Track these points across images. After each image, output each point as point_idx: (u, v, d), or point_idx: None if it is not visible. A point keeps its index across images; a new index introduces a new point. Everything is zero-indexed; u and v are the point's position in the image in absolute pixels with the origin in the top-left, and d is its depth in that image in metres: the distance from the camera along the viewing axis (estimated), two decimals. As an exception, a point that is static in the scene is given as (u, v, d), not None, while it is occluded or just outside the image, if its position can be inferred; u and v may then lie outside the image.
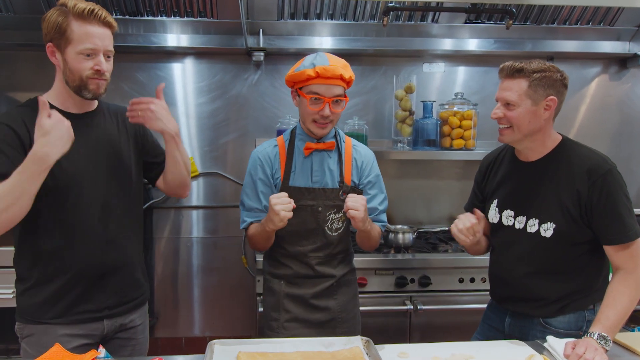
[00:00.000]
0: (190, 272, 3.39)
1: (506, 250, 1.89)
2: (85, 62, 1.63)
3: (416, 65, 3.39)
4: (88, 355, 1.49)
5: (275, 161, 2.05)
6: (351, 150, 2.10)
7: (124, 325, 1.84)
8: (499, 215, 1.89)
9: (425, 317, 2.72)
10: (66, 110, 1.72)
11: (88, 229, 1.72)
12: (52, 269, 1.71)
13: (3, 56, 3.11)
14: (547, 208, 1.76)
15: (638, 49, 3.34)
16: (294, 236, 2.04)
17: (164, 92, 1.90)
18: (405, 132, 3.20)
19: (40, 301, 1.71)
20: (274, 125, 3.27)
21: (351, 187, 2.05)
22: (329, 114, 1.92)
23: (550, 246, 1.76)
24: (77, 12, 1.61)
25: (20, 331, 1.75)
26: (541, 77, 1.70)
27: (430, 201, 3.43)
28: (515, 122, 1.73)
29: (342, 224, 2.07)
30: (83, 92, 1.68)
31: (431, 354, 1.58)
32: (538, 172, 1.81)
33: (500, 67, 1.78)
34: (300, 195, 2.00)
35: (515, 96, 1.71)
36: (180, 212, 3.34)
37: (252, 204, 2.05)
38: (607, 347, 1.57)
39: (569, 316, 1.77)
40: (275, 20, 3.07)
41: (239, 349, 1.57)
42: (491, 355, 1.60)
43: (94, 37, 1.63)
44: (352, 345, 1.60)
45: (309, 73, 1.88)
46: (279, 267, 2.10)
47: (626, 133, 3.55)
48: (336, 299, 2.08)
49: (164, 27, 3.10)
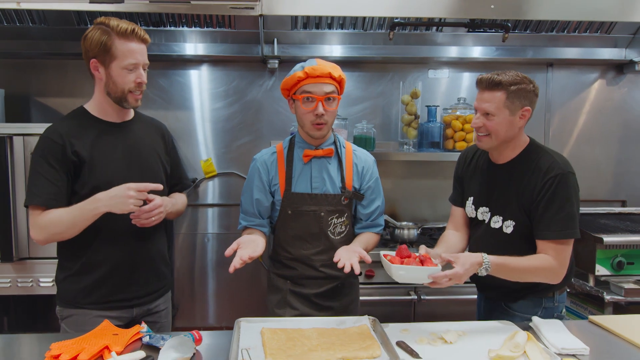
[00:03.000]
0: (208, 266, 3.58)
1: (477, 242, 2.07)
2: (128, 76, 1.83)
3: (422, 71, 3.55)
4: (133, 330, 1.69)
5: (272, 168, 2.11)
6: (352, 156, 2.15)
7: (150, 310, 2.03)
8: (475, 211, 2.06)
9: (428, 306, 2.89)
10: (106, 119, 1.92)
11: (123, 227, 1.89)
12: (91, 262, 1.89)
13: (35, 64, 3.33)
14: (509, 207, 1.93)
15: (634, 56, 3.48)
16: (297, 240, 2.10)
17: (184, 97, 2.08)
18: (410, 135, 3.37)
19: (79, 289, 1.90)
20: (286, 129, 3.46)
21: (353, 193, 2.11)
22: (322, 112, 1.96)
23: (511, 241, 1.93)
24: (121, 31, 1.79)
25: (61, 313, 1.93)
26: (517, 89, 1.84)
27: (435, 200, 3.58)
28: (494, 130, 1.88)
29: (344, 227, 2.13)
30: (123, 103, 1.88)
31: (429, 330, 1.77)
32: (505, 174, 1.97)
33: (479, 78, 1.91)
34: (302, 201, 2.07)
35: (494, 107, 1.85)
36: (199, 210, 3.54)
37: (248, 208, 2.14)
38: (481, 272, 1.75)
39: (528, 301, 1.94)
40: (288, 30, 3.25)
41: (262, 325, 1.77)
42: (481, 331, 1.78)
43: (135, 53, 1.82)
44: (361, 324, 1.80)
45: (299, 75, 1.97)
46: (283, 269, 2.17)
47: (624, 136, 3.68)
48: (340, 301, 2.15)
49: (185, 36, 3.30)
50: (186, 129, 3.48)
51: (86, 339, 1.61)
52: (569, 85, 3.64)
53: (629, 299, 2.73)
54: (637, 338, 1.73)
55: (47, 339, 1.67)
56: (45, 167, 1.79)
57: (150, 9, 2.26)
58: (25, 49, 3.21)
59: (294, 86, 2.02)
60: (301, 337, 1.67)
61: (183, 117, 3.47)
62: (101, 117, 1.91)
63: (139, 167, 1.94)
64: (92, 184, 1.83)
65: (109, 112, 1.92)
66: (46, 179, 1.79)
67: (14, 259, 2.57)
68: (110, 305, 1.92)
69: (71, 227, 1.79)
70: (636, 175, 3.73)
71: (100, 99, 1.91)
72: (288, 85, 2.04)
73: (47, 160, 1.80)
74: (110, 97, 1.87)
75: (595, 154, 3.68)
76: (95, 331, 1.68)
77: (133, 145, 1.95)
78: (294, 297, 2.14)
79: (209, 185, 3.54)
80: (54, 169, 1.80)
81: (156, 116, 3.34)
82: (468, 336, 1.75)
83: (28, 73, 3.33)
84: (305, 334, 1.70)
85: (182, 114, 3.47)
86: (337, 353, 1.54)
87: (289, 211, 2.09)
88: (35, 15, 3.00)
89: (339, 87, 2.04)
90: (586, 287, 2.88)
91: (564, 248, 1.83)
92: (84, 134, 1.85)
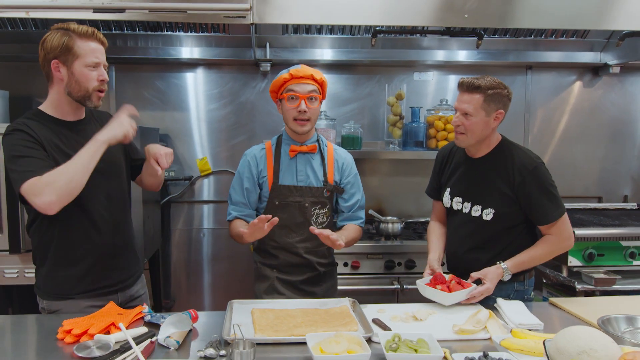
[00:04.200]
0: (205, 260, 3.75)
1: (455, 230, 2.28)
2: (91, 74, 1.88)
3: (407, 74, 3.73)
4: (136, 310, 1.86)
5: (261, 161, 2.30)
6: (333, 153, 2.36)
7: (132, 296, 2.14)
8: (451, 201, 2.27)
9: (410, 295, 3.04)
10: (62, 118, 1.95)
11: (98, 218, 1.97)
12: (76, 251, 1.94)
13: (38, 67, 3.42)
14: (488, 196, 2.15)
15: (608, 59, 3.67)
16: (283, 229, 2.26)
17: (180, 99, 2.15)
18: (396, 135, 3.55)
19: (65, 280, 1.95)
20: (278, 128, 3.61)
21: (334, 186, 2.31)
22: (304, 108, 2.17)
23: (489, 227, 2.15)
24: (82, 32, 1.87)
25: (48, 308, 1.96)
26: (493, 93, 2.06)
27: (419, 196, 3.65)
28: (470, 129, 2.09)
29: (326, 218, 2.32)
30: (86, 101, 1.92)
31: (403, 310, 1.95)
32: (482, 167, 2.18)
33: (460, 81, 2.12)
34: (288, 193, 2.26)
35: (472, 108, 2.07)
36: (197, 206, 3.71)
37: (238, 198, 2.29)
38: (505, 277, 2.05)
39: (501, 285, 2.12)
40: (280, 34, 3.42)
41: (252, 307, 1.94)
42: (449, 311, 1.97)
43: (97, 52, 1.90)
44: (342, 304, 1.98)
45: (285, 76, 2.20)
46: (269, 257, 2.33)
47: (601, 136, 3.87)
48: (321, 286, 2.34)
49: (181, 41, 3.47)
50: (182, 129, 3.65)
51: (94, 316, 1.78)
52: (548, 87, 3.83)
53: (599, 288, 2.92)
54: (586, 315, 1.94)
55: (58, 317, 1.84)
56: (28, 150, 1.79)
57: (149, 17, 2.43)
58: (28, 53, 3.34)
59: (280, 87, 2.23)
60: (287, 316, 1.84)
61: (179, 118, 3.64)
62: (58, 117, 1.94)
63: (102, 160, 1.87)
64: None
65: (66, 112, 1.95)
66: (34, 157, 1.79)
67: (21, 250, 2.73)
68: (97, 292, 1.98)
69: (80, 169, 1.76)
70: (611, 173, 3.91)
71: (58, 99, 1.93)
72: (275, 87, 2.25)
73: (26, 145, 1.80)
74: (71, 96, 1.90)
75: (573, 153, 3.86)
76: (102, 311, 1.85)
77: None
78: (281, 284, 2.31)
79: (204, 182, 3.72)
80: (36, 149, 1.81)
81: (153, 117, 3.60)
82: (437, 314, 1.93)
83: (31, 75, 3.48)
84: (291, 314, 1.87)
85: (178, 114, 3.64)
86: (318, 329, 1.72)
87: (276, 202, 2.27)
88: (39, 21, 3.15)
89: (320, 88, 2.24)
90: (559, 277, 3.06)
91: (562, 222, 2.11)
92: (43, 131, 1.87)
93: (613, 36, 3.56)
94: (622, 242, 3.10)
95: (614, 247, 3.06)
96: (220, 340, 1.65)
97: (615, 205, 3.69)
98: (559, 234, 2.11)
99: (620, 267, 3.08)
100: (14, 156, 1.80)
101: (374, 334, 1.69)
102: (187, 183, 3.67)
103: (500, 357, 1.41)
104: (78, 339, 1.65)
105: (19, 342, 1.76)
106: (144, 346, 1.59)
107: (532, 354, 1.46)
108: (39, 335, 1.75)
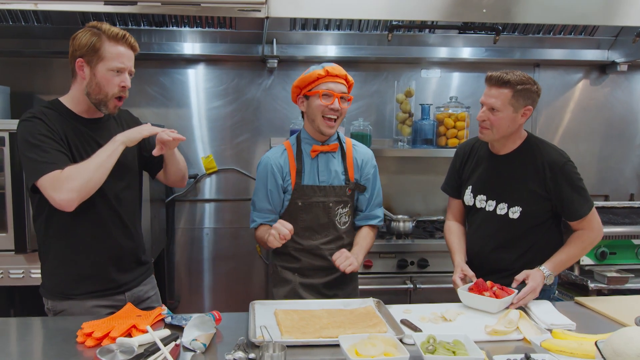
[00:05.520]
0: (209, 259, 3.69)
1: (478, 229, 2.23)
2: (113, 79, 1.84)
3: (415, 71, 3.69)
4: (155, 311, 1.80)
5: (285, 166, 2.21)
6: (352, 150, 2.29)
7: (140, 297, 2.08)
8: (473, 199, 2.22)
9: (423, 295, 3.02)
10: (79, 114, 1.91)
11: (107, 219, 1.92)
12: (82, 253, 1.90)
13: (40, 63, 3.42)
14: (515, 194, 2.11)
15: (616, 57, 3.65)
16: (307, 231, 2.21)
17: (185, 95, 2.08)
18: (405, 132, 3.51)
19: (71, 280, 1.90)
20: (285, 126, 3.57)
21: (355, 184, 2.26)
22: (338, 107, 2.11)
23: (516, 226, 2.11)
24: (112, 34, 1.82)
25: (53, 308, 1.92)
26: (523, 88, 2.01)
27: (427, 194, 3.73)
28: (496, 125, 2.05)
29: (348, 218, 2.26)
30: (102, 107, 1.88)
31: (430, 310, 1.91)
32: (508, 164, 2.14)
33: (489, 75, 2.07)
34: (312, 193, 2.20)
35: (500, 103, 2.02)
36: (201, 205, 3.65)
37: (262, 205, 2.22)
38: (547, 281, 1.99)
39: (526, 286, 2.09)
40: (287, 30, 3.35)
41: (275, 307, 1.89)
42: (478, 311, 1.93)
43: (123, 57, 1.84)
44: (366, 305, 1.93)
45: (319, 72, 2.11)
46: (291, 261, 2.25)
47: (607, 134, 3.86)
48: (343, 289, 2.26)
49: (185, 36, 3.40)
50: (187, 126, 3.58)
51: (114, 319, 1.72)
52: (555, 84, 3.81)
53: (612, 287, 2.91)
54: (615, 314, 1.91)
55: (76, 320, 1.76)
56: (41, 138, 1.75)
57: (161, 10, 2.37)
58: (30, 48, 3.29)
59: (311, 83, 2.14)
60: (312, 317, 1.79)
61: (184, 115, 3.57)
62: (74, 111, 1.90)
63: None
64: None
65: (84, 109, 1.92)
66: (54, 149, 1.75)
67: (27, 250, 2.66)
68: (103, 293, 1.94)
69: (99, 167, 1.74)
70: (618, 171, 3.90)
71: (78, 97, 1.90)
72: (304, 82, 2.15)
73: (40, 132, 1.76)
74: (89, 98, 1.87)
75: (580, 151, 3.84)
76: (120, 313, 1.79)
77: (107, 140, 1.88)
78: (303, 288, 2.23)
79: (209, 181, 3.65)
80: (56, 142, 1.77)
81: (158, 113, 3.52)
82: (466, 315, 1.90)
83: (33, 71, 3.41)
84: (316, 314, 1.82)
85: (182, 111, 3.57)
86: (347, 330, 1.67)
87: (299, 203, 2.20)
88: (41, 15, 3.07)
89: (348, 90, 2.20)
90: (571, 276, 3.04)
91: (592, 215, 2.09)
92: (60, 121, 1.84)
93: (621, 33, 3.55)
94: (634, 241, 3.09)
95: (625, 245, 3.05)
96: (247, 343, 1.59)
97: (623, 204, 3.68)
98: (590, 228, 2.09)
99: (632, 266, 3.07)
100: (32, 144, 1.75)
101: (406, 335, 1.64)
102: (192, 181, 3.60)
103: (544, 359, 1.37)
104: (99, 342, 1.59)
105: (36, 346, 1.69)
106: (169, 349, 1.53)
107: (574, 355, 1.42)
108: (56, 338, 1.67)
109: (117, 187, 1.96)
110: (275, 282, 2.31)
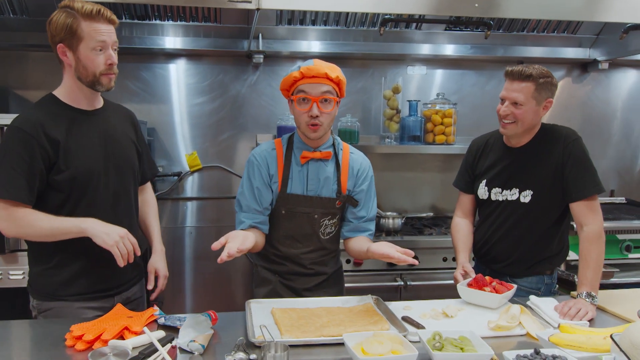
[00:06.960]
0: (192, 259, 3.60)
1: (489, 219, 2.24)
2: (98, 57, 1.76)
3: (401, 68, 3.67)
4: (147, 312, 1.72)
5: (272, 163, 2.05)
6: (348, 158, 2.12)
7: (128, 298, 2.02)
8: (488, 192, 2.22)
9: (414, 291, 3.00)
10: (77, 107, 1.85)
11: (103, 217, 1.82)
12: (72, 253, 1.83)
13: (15, 56, 3.28)
14: (527, 179, 2.12)
15: (597, 55, 3.69)
16: (288, 239, 2.08)
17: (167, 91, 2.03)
18: (392, 129, 3.49)
19: (59, 281, 1.84)
20: (271, 123, 3.51)
21: (347, 197, 2.09)
22: (316, 113, 1.90)
23: (526, 212, 2.11)
24: (86, 12, 1.73)
25: (38, 307, 1.86)
26: (544, 82, 2.04)
27: (415, 191, 3.72)
28: (521, 118, 2.06)
29: (334, 228, 2.12)
30: (97, 86, 1.81)
31: (430, 307, 1.88)
32: (525, 154, 2.15)
33: (509, 70, 2.08)
34: (297, 203, 2.03)
35: (523, 97, 2.03)
36: (183, 203, 3.56)
37: (249, 204, 2.03)
38: (595, 302, 1.88)
39: (532, 278, 2.14)
40: (273, 25, 3.30)
41: (272, 306, 1.83)
42: (478, 307, 1.91)
43: (103, 34, 1.76)
44: (365, 302, 1.89)
45: (295, 75, 1.92)
46: (272, 264, 2.15)
47: (588, 131, 3.85)
48: (326, 292, 2.13)
49: (167, 30, 3.30)
50: (170, 122, 3.49)
51: (104, 320, 1.64)
52: (538, 82, 3.83)
53: (598, 281, 2.94)
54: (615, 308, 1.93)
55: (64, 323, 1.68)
56: (17, 160, 1.71)
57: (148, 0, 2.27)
58: (5, 41, 3.15)
59: (290, 86, 1.98)
60: (311, 315, 1.75)
61: (167, 111, 3.48)
62: (72, 105, 1.85)
63: (114, 155, 1.90)
64: (69, 174, 1.78)
65: (80, 99, 1.85)
66: (18, 172, 1.71)
67: (5, 251, 2.54)
68: (92, 295, 1.88)
69: (48, 235, 1.75)
70: (598, 168, 3.83)
71: (70, 85, 1.84)
72: (286, 85, 1.99)
73: (19, 152, 1.71)
74: (81, 81, 1.81)
75: (561, 148, 3.87)
76: (110, 314, 1.71)
77: (107, 132, 1.90)
78: (284, 289, 2.14)
79: (192, 179, 3.56)
80: (26, 162, 1.71)
81: (140, 109, 3.41)
82: (466, 310, 1.88)
83: (7, 65, 3.28)
84: (315, 313, 1.78)
85: (165, 107, 3.48)
86: (348, 328, 1.63)
87: (282, 211, 2.07)
88: (17, 5, 2.96)
89: (337, 88, 1.98)
90: (557, 271, 3.06)
91: (595, 203, 2.03)
92: (57, 121, 1.78)
93: (603, 32, 3.60)
94: (618, 236, 3.13)
95: (610, 240, 3.08)
96: (247, 343, 1.54)
97: (605, 200, 3.74)
98: (594, 216, 2.01)
99: (617, 261, 3.11)
100: (6, 160, 1.73)
101: (410, 332, 1.61)
102: (175, 179, 3.51)
103: (553, 354, 1.35)
104: (90, 345, 1.51)
105: (23, 351, 1.60)
106: (166, 351, 1.46)
107: (582, 349, 1.41)
108: (44, 342, 1.58)
109: (116, 184, 1.91)
110: (257, 283, 2.20)
